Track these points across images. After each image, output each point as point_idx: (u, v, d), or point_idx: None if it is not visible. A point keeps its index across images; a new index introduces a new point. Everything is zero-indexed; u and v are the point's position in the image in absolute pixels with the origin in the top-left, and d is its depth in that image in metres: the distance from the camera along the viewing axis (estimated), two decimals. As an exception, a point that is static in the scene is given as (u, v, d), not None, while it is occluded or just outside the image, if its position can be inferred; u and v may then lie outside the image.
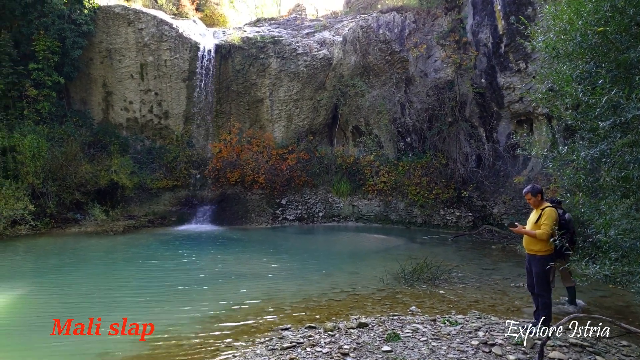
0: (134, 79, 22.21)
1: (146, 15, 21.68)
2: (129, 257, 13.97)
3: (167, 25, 21.68)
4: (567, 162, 6.78)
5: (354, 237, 18.20)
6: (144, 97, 22.45)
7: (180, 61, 21.84)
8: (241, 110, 22.94)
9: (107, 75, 22.30)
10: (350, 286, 10.10)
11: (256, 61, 22.14)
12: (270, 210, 21.22)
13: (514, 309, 8.38)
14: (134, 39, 21.63)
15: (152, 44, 21.63)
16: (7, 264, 12.81)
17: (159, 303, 8.90)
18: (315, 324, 7.28)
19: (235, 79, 22.36)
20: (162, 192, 21.54)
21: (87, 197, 19.12)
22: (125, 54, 21.87)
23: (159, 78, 22.13)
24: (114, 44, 21.76)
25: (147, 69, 22.06)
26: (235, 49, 22.25)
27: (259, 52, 22.15)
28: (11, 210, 15.80)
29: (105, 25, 21.56)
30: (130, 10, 21.62)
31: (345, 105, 22.15)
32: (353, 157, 22.05)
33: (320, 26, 24.47)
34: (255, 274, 11.40)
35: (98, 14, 21.32)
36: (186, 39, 21.81)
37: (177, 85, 22.21)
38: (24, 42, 19.73)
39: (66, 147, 19.11)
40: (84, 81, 22.32)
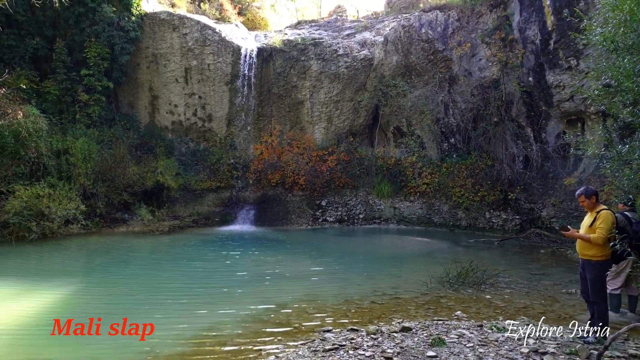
0: (179, 82, 22.69)
1: (190, 21, 22.10)
2: (174, 257, 14.22)
3: (210, 29, 22.04)
4: (627, 162, 6.40)
5: (395, 239, 17.94)
6: (189, 101, 22.89)
7: (223, 65, 22.15)
8: (282, 112, 23.06)
9: (153, 79, 22.87)
10: (393, 289, 9.92)
11: (297, 63, 22.20)
12: (311, 211, 21.20)
13: (566, 317, 8.01)
14: (178, 44, 22.10)
15: (196, 49, 22.04)
16: (60, 262, 13.30)
17: (202, 303, 8.98)
18: (358, 326, 7.16)
19: (276, 81, 22.49)
20: (206, 193, 21.89)
21: (134, 197, 19.64)
22: (170, 58, 22.37)
23: (203, 82, 22.52)
24: (159, 49, 22.30)
25: (191, 73, 22.49)
26: (277, 52, 22.38)
27: (300, 55, 22.20)
28: (64, 210, 16.38)
29: (152, 31, 22.12)
30: (175, 16, 22.10)
31: (387, 106, 21.90)
32: (394, 158, 21.77)
33: (361, 27, 24.31)
34: (296, 275, 11.37)
35: (144, 21, 21.90)
36: (229, 43, 22.10)
37: (220, 89, 22.54)
38: (76, 49, 20.50)
39: (115, 150, 19.73)
40: (132, 85, 22.97)
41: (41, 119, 17.33)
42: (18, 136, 16.30)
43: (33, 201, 15.74)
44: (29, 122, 16.47)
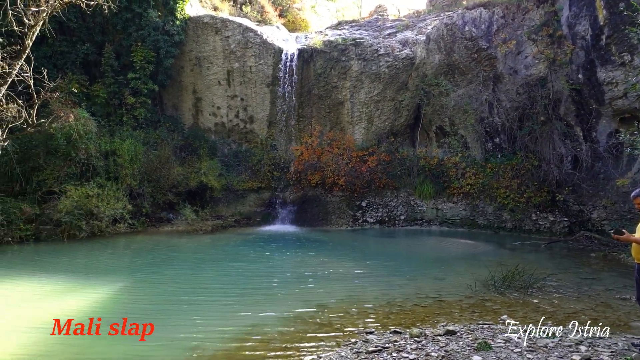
0: (221, 85, 23.07)
1: (232, 23, 22.44)
2: (216, 257, 14.46)
3: (252, 32, 22.31)
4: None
5: (438, 241, 17.65)
6: (231, 103, 23.24)
7: (265, 67, 22.37)
8: (322, 113, 23.07)
9: (197, 82, 23.35)
10: (436, 292, 9.74)
11: (337, 64, 22.17)
12: (351, 212, 21.12)
13: (620, 324, 7.65)
14: (221, 47, 22.47)
15: (238, 51, 22.35)
16: (108, 260, 13.77)
17: (245, 302, 9.08)
18: (400, 329, 7.06)
19: (317, 82, 22.53)
20: (248, 194, 22.15)
21: (178, 197, 20.10)
22: (213, 61, 22.78)
23: (245, 84, 22.81)
24: (202, 52, 22.74)
25: (233, 75, 22.82)
26: (317, 53, 22.42)
27: (340, 55, 22.15)
28: (112, 209, 16.94)
29: (195, 34, 22.58)
30: (218, 19, 22.49)
31: (429, 105, 21.57)
32: (437, 159, 21.42)
33: (403, 26, 24.04)
34: (337, 276, 11.34)
35: (188, 24, 22.38)
36: (270, 45, 22.30)
37: (262, 91, 22.77)
38: (123, 53, 21.18)
39: (160, 151, 20.25)
40: (176, 88, 23.52)
41: (91, 121, 17.99)
42: (69, 138, 16.97)
43: (83, 201, 16.34)
44: (79, 125, 17.12)
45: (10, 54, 14.85)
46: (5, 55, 14.63)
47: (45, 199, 16.76)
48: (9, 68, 14.71)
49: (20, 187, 16.70)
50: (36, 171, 17.01)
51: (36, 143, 16.98)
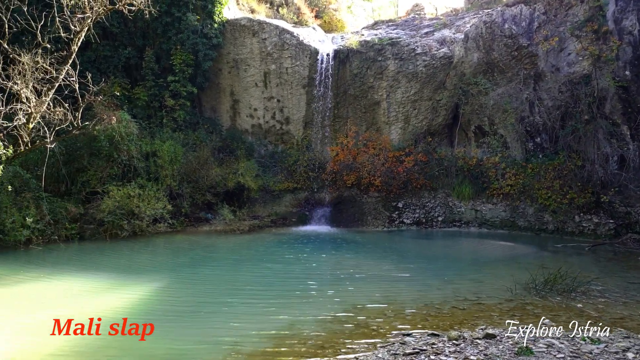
0: (258, 87, 23.31)
1: (269, 25, 22.64)
2: (254, 256, 14.62)
3: (288, 33, 22.45)
4: None
5: (476, 243, 17.31)
6: (267, 104, 23.46)
7: (301, 68, 22.48)
8: (358, 113, 22.99)
9: (234, 84, 23.67)
10: (475, 294, 9.56)
11: (374, 64, 22.05)
12: (387, 213, 20.95)
13: (671, 330, 7.29)
14: (258, 49, 22.71)
15: (275, 53, 22.53)
16: (148, 259, 14.14)
17: (281, 302, 9.14)
18: (438, 331, 6.95)
19: (353, 82, 22.47)
20: (284, 194, 22.30)
21: (217, 198, 20.42)
22: (250, 63, 23.04)
23: (281, 85, 22.98)
24: (240, 54, 23.04)
25: (270, 77, 23.03)
26: (353, 53, 22.36)
27: (377, 55, 22.03)
28: (153, 209, 17.36)
29: (232, 37, 22.90)
30: (255, 21, 22.74)
31: (467, 105, 21.18)
32: (476, 159, 21.01)
33: (440, 24, 23.71)
34: (373, 277, 11.28)
35: (226, 27, 22.71)
36: (306, 46, 22.39)
37: (298, 92, 22.88)
38: (163, 57, 21.69)
39: (199, 152, 20.64)
40: (214, 90, 23.91)
41: (132, 123, 18.49)
42: (112, 140, 17.50)
43: (125, 201, 16.81)
44: (121, 127, 17.63)
45: (57, 59, 15.46)
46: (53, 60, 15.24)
47: (89, 199, 17.33)
48: (57, 73, 15.31)
49: (66, 188, 17.31)
50: (81, 172, 17.60)
51: (81, 145, 17.58)
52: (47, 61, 14.91)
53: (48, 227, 15.21)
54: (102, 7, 15.78)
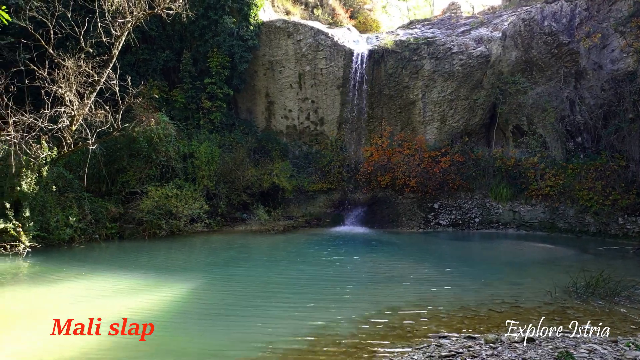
0: (293, 88, 23.45)
1: (304, 27, 22.74)
2: (288, 256, 14.69)
3: (323, 34, 22.50)
4: None
5: (514, 245, 16.90)
6: (302, 105, 23.57)
7: (335, 69, 22.49)
8: (392, 113, 22.82)
9: (269, 85, 23.87)
10: (513, 297, 9.32)
11: (409, 64, 21.85)
12: (422, 214, 20.71)
13: None
14: (293, 50, 22.85)
15: (310, 54, 22.62)
16: (185, 258, 14.41)
17: (315, 303, 9.14)
18: (475, 334, 6.81)
19: (388, 82, 22.33)
20: (318, 195, 22.34)
21: (252, 198, 20.64)
22: (285, 64, 23.20)
23: (316, 86, 23.05)
24: (275, 56, 23.22)
25: (304, 78, 23.13)
26: (388, 53, 22.22)
27: (412, 54, 21.82)
28: (190, 209, 17.67)
29: (268, 39, 23.10)
30: (290, 23, 22.88)
31: (505, 104, 20.73)
32: (514, 159, 20.52)
33: (477, 23, 23.30)
34: (409, 279, 11.16)
35: (261, 29, 22.93)
36: (341, 47, 22.39)
37: (332, 92, 22.90)
38: (200, 59, 22.08)
39: (235, 153, 20.91)
40: (250, 92, 24.18)
41: (170, 125, 18.89)
42: (151, 141, 17.92)
43: (163, 201, 17.18)
44: (159, 129, 18.03)
45: (99, 63, 15.97)
46: (95, 64, 15.76)
47: (129, 199, 17.79)
48: (98, 76, 15.81)
49: (106, 188, 17.83)
50: (120, 173, 18.08)
51: (121, 146, 18.06)
52: (90, 65, 15.44)
53: (89, 227, 15.68)
54: (141, 11, 16.22)
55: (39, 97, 15.12)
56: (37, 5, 15.17)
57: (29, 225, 13.70)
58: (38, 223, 14.13)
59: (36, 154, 14.42)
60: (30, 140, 14.42)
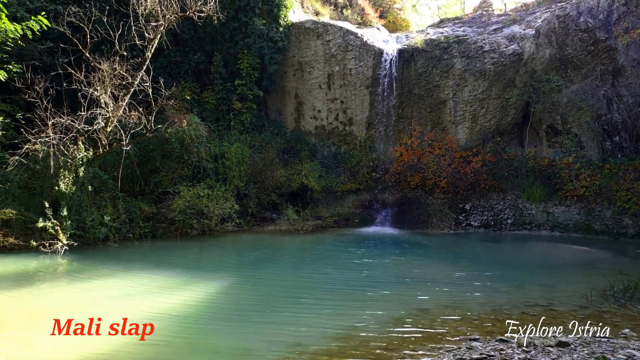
0: (322, 88, 23.48)
1: (333, 27, 22.75)
2: (317, 256, 14.73)
3: (352, 35, 22.46)
4: None
5: (548, 247, 16.53)
6: (331, 106, 23.57)
7: (364, 69, 22.42)
8: (422, 113, 22.59)
9: (299, 86, 23.97)
10: (546, 300, 9.13)
11: (439, 62, 21.60)
12: (453, 215, 20.44)
13: None
14: (322, 51, 22.88)
15: (339, 54, 22.61)
16: (216, 257, 14.61)
17: (344, 302, 9.15)
18: (507, 337, 6.68)
19: (417, 82, 22.12)
20: (346, 195, 22.30)
21: (281, 198, 20.76)
22: (314, 65, 23.25)
23: (344, 87, 23.02)
24: (304, 57, 23.31)
25: (333, 79, 23.13)
26: (418, 52, 22.02)
27: (443, 53, 21.57)
28: (221, 209, 17.90)
29: (297, 40, 23.20)
30: (319, 23, 22.93)
31: (539, 103, 20.28)
32: (548, 159, 20.05)
33: (509, 20, 22.86)
34: (439, 280, 11.03)
35: (291, 30, 23.05)
36: (370, 47, 22.31)
37: (361, 92, 22.84)
38: (231, 61, 22.35)
39: (264, 154, 21.08)
40: (279, 93, 24.33)
41: (201, 126, 19.18)
42: (183, 142, 18.24)
43: (194, 201, 17.45)
44: (191, 130, 18.34)
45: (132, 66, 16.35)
46: (129, 67, 16.13)
47: (161, 199, 18.14)
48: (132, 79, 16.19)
49: (139, 188, 18.22)
50: (153, 173, 18.45)
51: (153, 147, 18.44)
52: (124, 68, 15.83)
53: (124, 226, 16.05)
54: (173, 14, 16.53)
55: (75, 99, 15.60)
56: (74, 11, 15.64)
57: (67, 224, 14.10)
58: (75, 222, 14.53)
59: (73, 155, 14.86)
60: (67, 142, 14.88)
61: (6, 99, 16.97)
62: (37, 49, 18.01)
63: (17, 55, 16.31)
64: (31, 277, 11.05)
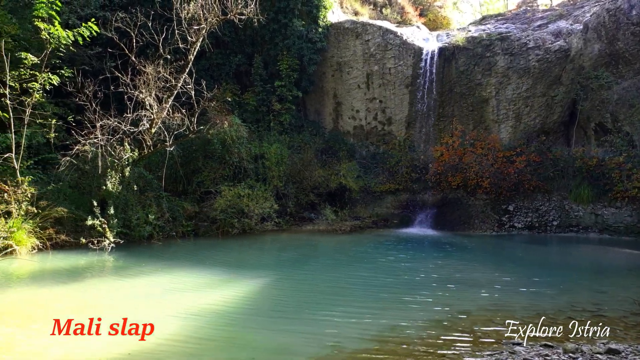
0: (361, 88, 23.40)
1: (372, 27, 22.64)
2: (355, 257, 14.67)
3: (391, 34, 22.29)
4: None
5: (597, 250, 15.93)
6: (369, 106, 23.45)
7: (404, 67, 22.20)
8: (464, 112, 22.16)
9: (337, 86, 23.97)
10: (595, 305, 8.78)
11: (481, 60, 21.15)
12: (496, 216, 19.95)
13: None
14: (361, 51, 22.81)
15: (378, 54, 22.48)
16: (256, 256, 14.80)
17: (383, 304, 9.08)
18: (552, 342, 6.47)
19: (459, 80, 21.73)
20: (385, 195, 22.14)
21: (319, 198, 20.81)
22: (353, 65, 23.20)
23: (383, 86, 22.86)
24: (343, 57, 23.29)
25: (372, 78, 23.01)
26: (459, 50, 21.63)
27: (485, 51, 21.10)
28: (260, 208, 18.12)
29: (336, 40, 23.21)
30: (358, 23, 22.87)
31: (587, 100, 19.55)
32: (596, 159, 19.29)
33: (555, 16, 22.14)
34: (481, 283, 10.79)
35: (330, 31, 23.08)
36: (410, 45, 22.07)
37: (400, 92, 22.62)
38: (270, 63, 22.58)
39: (303, 154, 21.20)
40: (318, 94, 24.40)
41: (242, 127, 19.47)
42: (224, 143, 18.57)
43: (235, 200, 17.73)
44: (232, 131, 18.64)
45: (176, 69, 16.76)
46: (172, 70, 16.55)
47: (203, 198, 18.51)
48: (175, 81, 16.60)
49: (182, 188, 18.65)
50: (196, 173, 18.86)
51: (196, 148, 18.84)
52: (167, 71, 16.26)
53: (167, 224, 16.44)
54: (215, 17, 16.84)
55: (122, 102, 16.12)
56: (121, 17, 16.17)
57: (113, 222, 14.58)
58: (121, 220, 15.00)
59: (119, 156, 15.37)
60: (114, 143, 15.40)
61: (59, 102, 17.71)
62: (86, 54, 18.74)
63: (69, 60, 17.01)
64: (81, 273, 11.48)
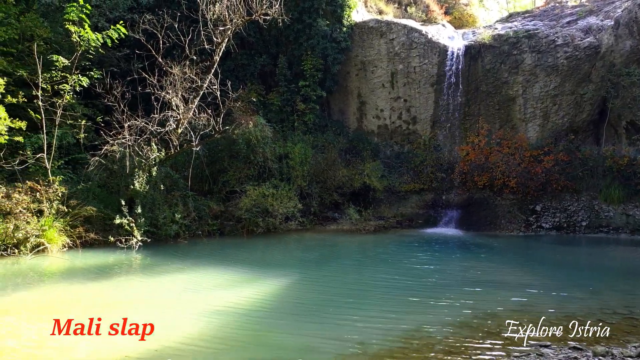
0: (385, 87, 23.30)
1: (397, 25, 22.52)
2: (379, 257, 14.65)
3: (416, 32, 22.13)
4: None
5: (628, 252, 15.53)
6: (394, 105, 23.34)
7: (429, 66, 22.02)
8: (490, 110, 21.87)
9: (361, 86, 23.92)
10: (626, 308, 8.57)
11: (508, 58, 20.84)
12: (523, 216, 19.64)
13: None
14: (385, 50, 22.71)
15: (402, 52, 22.35)
16: (280, 254, 14.91)
17: (407, 304, 9.04)
18: (582, 345, 6.36)
19: (485, 78, 21.45)
20: (409, 195, 21.99)
21: (343, 198, 20.82)
22: (378, 64, 23.12)
23: (408, 85, 22.72)
24: (367, 56, 23.23)
25: (397, 77, 22.89)
26: (485, 48, 21.36)
27: (512, 49, 20.79)
28: (285, 208, 18.23)
29: (360, 39, 23.16)
30: (383, 22, 22.78)
31: (617, 98, 19.09)
32: (627, 158, 18.83)
33: (585, 11, 21.66)
34: (507, 284, 10.66)
35: (354, 30, 23.05)
36: (435, 44, 21.89)
37: (425, 90, 22.45)
38: (295, 63, 22.66)
39: (327, 154, 21.23)
40: (342, 93, 24.39)
41: (267, 127, 19.62)
42: (249, 143, 18.74)
43: (260, 200, 17.88)
44: (257, 131, 18.80)
45: (201, 70, 16.98)
46: (198, 70, 16.77)
47: (229, 198, 18.72)
48: (201, 82, 16.82)
49: (208, 187, 18.90)
50: (221, 173, 19.09)
51: (221, 148, 19.07)
52: (193, 71, 16.50)
53: (193, 223, 16.69)
54: (240, 18, 17.00)
55: (149, 102, 16.42)
56: (149, 19, 16.46)
57: (141, 221, 14.87)
58: (148, 219, 15.29)
59: (147, 155, 15.66)
60: (142, 143, 15.69)
61: (88, 103, 18.14)
62: (115, 56, 19.14)
63: (98, 62, 17.41)
64: (110, 270, 11.75)
